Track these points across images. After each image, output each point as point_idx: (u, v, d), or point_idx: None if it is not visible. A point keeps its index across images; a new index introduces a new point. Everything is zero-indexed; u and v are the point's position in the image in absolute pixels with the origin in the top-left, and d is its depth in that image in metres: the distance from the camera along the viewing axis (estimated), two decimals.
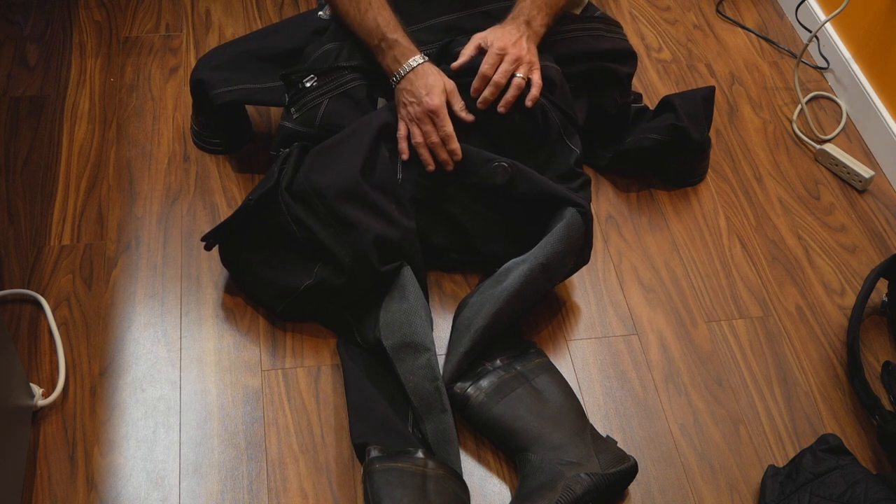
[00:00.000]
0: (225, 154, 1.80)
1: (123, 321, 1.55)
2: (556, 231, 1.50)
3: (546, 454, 1.37)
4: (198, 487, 1.37)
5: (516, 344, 1.53)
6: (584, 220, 1.53)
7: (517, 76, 1.53)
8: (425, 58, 1.55)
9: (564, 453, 1.37)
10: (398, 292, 1.46)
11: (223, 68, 1.69)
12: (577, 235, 1.52)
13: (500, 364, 1.47)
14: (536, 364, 1.48)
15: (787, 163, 1.94)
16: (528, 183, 1.54)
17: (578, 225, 1.52)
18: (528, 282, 1.47)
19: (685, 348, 1.61)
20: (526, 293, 1.48)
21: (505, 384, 1.44)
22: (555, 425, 1.40)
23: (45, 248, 1.62)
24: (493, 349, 1.49)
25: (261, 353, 1.53)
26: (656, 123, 1.78)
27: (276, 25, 1.79)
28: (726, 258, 1.75)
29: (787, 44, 2.20)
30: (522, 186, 1.54)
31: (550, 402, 1.43)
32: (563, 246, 1.50)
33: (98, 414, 1.43)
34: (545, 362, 1.50)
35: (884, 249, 1.80)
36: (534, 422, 1.40)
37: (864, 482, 1.36)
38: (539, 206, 1.55)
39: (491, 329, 1.45)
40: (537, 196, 1.54)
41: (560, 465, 1.35)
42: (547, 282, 1.52)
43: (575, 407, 1.44)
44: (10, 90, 1.87)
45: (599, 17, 1.74)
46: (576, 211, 1.52)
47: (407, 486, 1.29)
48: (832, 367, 1.62)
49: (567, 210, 1.52)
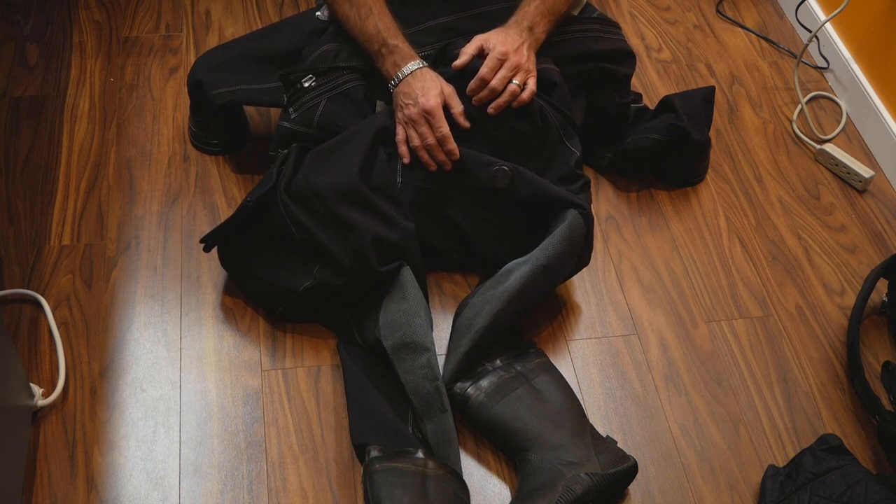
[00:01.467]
0: (223, 155, 1.80)
1: (123, 321, 1.55)
2: (557, 233, 1.50)
3: (546, 454, 1.37)
4: (198, 487, 1.37)
5: (516, 344, 1.53)
6: (586, 222, 1.53)
7: (513, 83, 1.54)
8: (424, 63, 1.55)
9: (564, 453, 1.37)
10: (398, 292, 1.46)
11: (221, 69, 1.69)
12: (579, 237, 1.52)
13: (500, 364, 1.47)
14: (536, 364, 1.48)
15: (787, 163, 1.94)
16: (529, 186, 1.54)
17: (580, 226, 1.52)
18: (529, 283, 1.47)
19: (685, 348, 1.61)
20: (527, 294, 1.48)
21: (505, 384, 1.44)
22: (555, 425, 1.40)
23: (45, 248, 1.62)
24: (493, 349, 1.49)
25: (261, 353, 1.53)
26: (656, 123, 1.78)
27: (275, 26, 1.78)
28: (726, 258, 1.75)
29: (787, 44, 2.20)
30: (523, 189, 1.54)
31: (550, 402, 1.43)
32: (564, 247, 1.50)
33: (98, 414, 1.43)
34: (545, 362, 1.50)
35: (884, 249, 1.80)
36: (534, 422, 1.40)
37: (864, 482, 1.36)
38: (540, 209, 1.55)
39: (491, 329, 1.45)
40: (538, 199, 1.54)
41: (560, 464, 1.35)
42: (548, 283, 1.52)
43: (575, 407, 1.44)
44: (10, 90, 1.87)
45: (597, 17, 1.74)
46: (577, 213, 1.52)
47: (407, 485, 1.29)
48: (832, 367, 1.62)
49: (568, 212, 1.52)
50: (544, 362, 1.50)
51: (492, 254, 1.59)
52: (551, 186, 1.55)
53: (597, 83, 1.73)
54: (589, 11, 1.75)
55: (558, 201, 1.54)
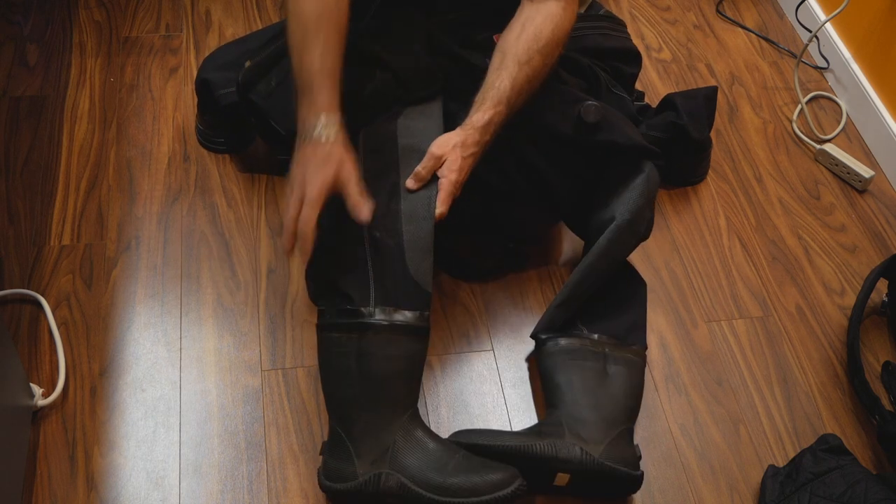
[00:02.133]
0: (230, 153, 1.80)
1: (123, 321, 1.55)
2: (636, 185, 1.52)
3: (566, 418, 1.39)
4: (198, 487, 1.37)
5: (628, 337, 1.52)
6: (661, 170, 1.57)
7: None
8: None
9: (581, 427, 1.37)
10: (422, 111, 1.47)
11: (228, 69, 1.69)
12: (654, 189, 1.55)
13: (594, 337, 1.49)
14: (625, 357, 1.48)
15: (787, 163, 1.94)
16: (611, 129, 1.53)
17: (655, 179, 1.55)
18: (616, 238, 1.50)
19: (685, 348, 1.61)
20: (614, 249, 1.51)
21: (581, 352, 1.46)
22: (594, 406, 1.41)
23: (45, 248, 1.62)
24: (604, 324, 1.51)
25: (261, 353, 1.53)
26: (656, 121, 1.78)
27: (278, 25, 1.78)
28: (726, 258, 1.75)
29: (787, 44, 2.20)
30: (605, 132, 1.53)
31: (608, 389, 1.43)
32: (644, 200, 1.52)
33: (98, 414, 1.43)
34: (636, 361, 1.48)
35: (884, 249, 1.80)
36: (578, 392, 1.41)
37: (864, 482, 1.36)
38: (616, 156, 1.55)
39: (582, 286, 1.49)
40: (616, 146, 1.53)
41: (569, 430, 1.36)
42: (632, 236, 1.53)
43: (627, 406, 1.43)
44: (10, 90, 1.87)
45: (605, 15, 1.74)
46: (653, 165, 1.55)
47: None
48: (832, 367, 1.62)
49: (646, 164, 1.54)
50: (635, 361, 1.48)
51: (566, 188, 1.57)
52: (633, 133, 1.56)
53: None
54: (595, 8, 1.75)
55: (637, 149, 1.55)
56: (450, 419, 1.48)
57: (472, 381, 1.54)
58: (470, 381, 1.53)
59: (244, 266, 1.63)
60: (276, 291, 1.61)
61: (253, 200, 1.73)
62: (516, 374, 1.55)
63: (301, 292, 1.61)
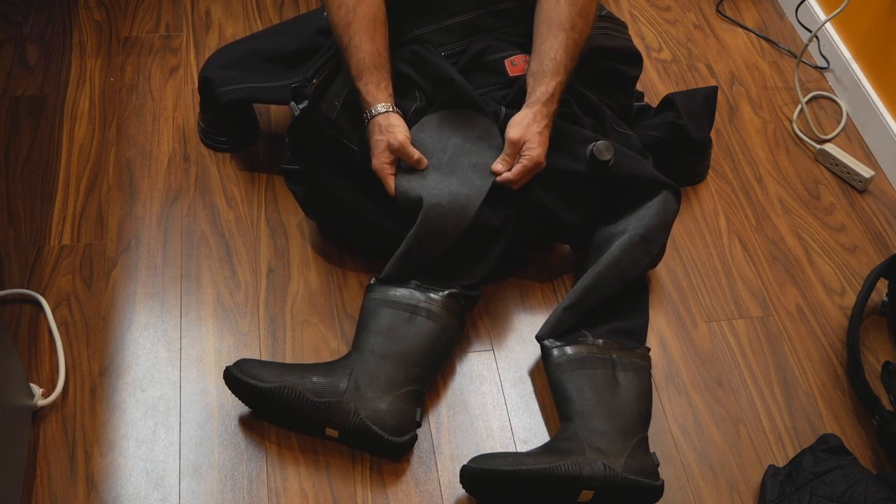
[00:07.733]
0: (232, 152, 1.80)
1: (123, 321, 1.55)
2: (652, 205, 1.56)
3: (583, 431, 1.38)
4: (198, 487, 1.37)
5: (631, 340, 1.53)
6: (677, 200, 1.59)
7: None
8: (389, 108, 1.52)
9: (599, 439, 1.37)
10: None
11: (229, 67, 1.70)
12: (671, 212, 1.58)
13: (600, 343, 1.49)
14: (633, 362, 1.48)
15: (787, 163, 1.94)
16: (626, 163, 1.57)
17: (672, 203, 1.58)
18: (628, 250, 1.53)
19: (685, 348, 1.61)
20: (625, 261, 1.52)
21: (590, 360, 1.46)
22: (608, 415, 1.41)
23: (45, 248, 1.62)
24: (608, 328, 1.51)
25: (261, 353, 1.53)
26: (656, 121, 1.78)
27: (282, 25, 1.80)
28: (726, 258, 1.75)
29: (787, 44, 2.20)
30: (619, 167, 1.56)
31: (620, 396, 1.43)
32: (659, 219, 1.55)
33: (98, 414, 1.43)
34: (642, 366, 1.49)
35: (884, 249, 1.80)
36: (591, 402, 1.42)
37: (864, 482, 1.36)
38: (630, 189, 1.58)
39: (591, 292, 1.50)
40: (630, 179, 1.57)
41: (588, 445, 1.36)
42: (644, 253, 1.55)
43: (639, 413, 1.43)
44: (10, 90, 1.87)
45: (606, 16, 1.74)
46: (670, 193, 1.58)
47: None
48: (832, 367, 1.62)
49: (662, 191, 1.57)
50: (642, 365, 1.49)
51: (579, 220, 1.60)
52: (646, 166, 1.59)
53: (605, 83, 1.72)
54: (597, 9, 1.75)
55: (651, 182, 1.58)
56: (450, 419, 1.48)
57: (472, 381, 1.54)
58: (470, 381, 1.53)
59: (244, 266, 1.63)
60: (276, 291, 1.61)
61: (253, 200, 1.73)
62: (516, 374, 1.55)
63: (301, 292, 1.61)
